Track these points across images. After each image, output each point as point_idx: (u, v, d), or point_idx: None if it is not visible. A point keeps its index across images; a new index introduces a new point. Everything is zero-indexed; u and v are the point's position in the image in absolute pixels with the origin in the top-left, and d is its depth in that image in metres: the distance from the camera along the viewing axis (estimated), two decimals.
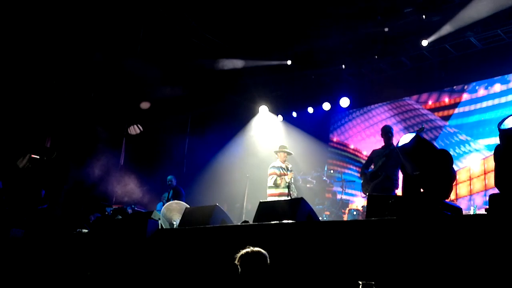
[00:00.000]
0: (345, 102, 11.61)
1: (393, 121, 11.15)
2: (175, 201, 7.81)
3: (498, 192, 3.43)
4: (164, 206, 7.37)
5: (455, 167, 4.05)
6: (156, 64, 10.58)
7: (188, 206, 6.81)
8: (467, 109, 10.18)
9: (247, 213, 9.34)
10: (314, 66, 11.39)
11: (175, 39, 10.65)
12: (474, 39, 9.51)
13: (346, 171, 11.80)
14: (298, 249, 4.20)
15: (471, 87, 10.23)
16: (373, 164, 7.47)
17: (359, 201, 10.81)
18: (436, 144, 4.90)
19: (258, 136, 12.69)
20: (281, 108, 12.81)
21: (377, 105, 11.98)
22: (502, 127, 3.36)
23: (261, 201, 5.46)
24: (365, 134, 12.06)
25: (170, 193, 9.96)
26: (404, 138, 3.92)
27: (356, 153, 12.11)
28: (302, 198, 5.04)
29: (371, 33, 9.97)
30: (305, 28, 10.05)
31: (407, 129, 10.89)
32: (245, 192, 9.85)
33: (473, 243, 3.09)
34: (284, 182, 7.84)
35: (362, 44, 10.51)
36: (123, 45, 10.25)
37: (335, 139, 12.76)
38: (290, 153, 8.22)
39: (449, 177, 3.84)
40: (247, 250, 3.71)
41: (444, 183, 3.76)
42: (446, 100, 10.63)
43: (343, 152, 12.46)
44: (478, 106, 9.97)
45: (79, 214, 9.46)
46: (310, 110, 12.40)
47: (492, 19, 8.93)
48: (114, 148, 11.70)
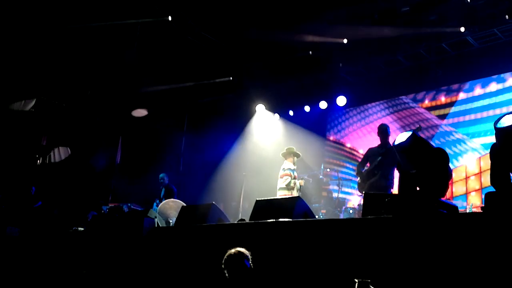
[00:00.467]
0: (341, 101, 11.60)
1: (389, 119, 11.16)
2: (172, 199, 7.80)
3: (494, 190, 3.44)
4: (160, 204, 7.37)
5: (451, 165, 4.05)
6: (152, 61, 10.57)
7: (185, 205, 6.81)
8: (463, 108, 10.19)
9: (244, 211, 9.33)
10: (311, 65, 11.38)
11: (172, 37, 10.63)
12: (470, 38, 9.53)
13: (343, 169, 11.81)
14: (295, 247, 4.20)
15: (467, 86, 10.25)
16: (369, 162, 7.47)
17: (355, 199, 10.81)
18: (432, 143, 4.91)
19: (254, 135, 12.68)
20: (277, 107, 12.79)
21: (373, 103, 11.99)
22: (498, 125, 3.36)
23: (257, 199, 5.44)
24: (362, 133, 12.07)
25: (162, 191, 9.91)
26: (400, 137, 3.92)
27: (353, 152, 12.11)
28: (298, 197, 5.04)
29: (368, 32, 9.97)
30: (302, 26, 10.05)
31: (403, 127, 10.90)
32: (241, 190, 9.85)
33: (469, 241, 3.10)
34: (297, 186, 7.91)
35: (359, 43, 10.52)
36: (120, 42, 10.22)
37: (331, 138, 12.76)
38: (299, 155, 8.31)
39: (445, 175, 3.84)
40: (229, 252, 3.82)
41: (440, 181, 3.76)
42: (443, 99, 10.65)
43: (340, 151, 12.47)
44: (475, 105, 9.99)
45: (75, 212, 9.44)
46: (307, 108, 12.38)
47: (489, 18, 8.95)
48: (111, 146, 11.68)
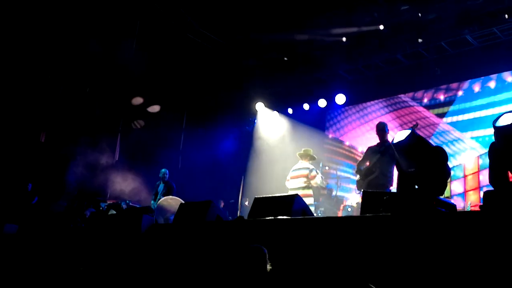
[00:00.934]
0: (340, 99, 11.60)
1: (388, 118, 11.16)
2: (170, 196, 7.79)
3: (492, 189, 3.44)
4: (159, 202, 7.36)
5: (449, 164, 4.05)
6: (152, 59, 10.55)
7: (183, 202, 6.80)
8: (462, 106, 10.21)
9: (244, 209, 9.34)
10: (310, 63, 11.38)
11: (171, 35, 10.62)
12: (470, 37, 9.53)
13: (342, 167, 11.82)
14: (293, 245, 4.20)
15: (466, 84, 10.26)
16: (368, 161, 7.48)
17: (354, 197, 10.82)
18: (431, 141, 4.91)
19: (253, 132, 12.68)
20: (276, 105, 12.79)
21: (372, 102, 12.00)
22: (497, 124, 3.36)
23: (256, 197, 5.43)
24: (361, 131, 12.08)
25: (161, 186, 9.90)
26: (399, 135, 3.91)
27: (352, 150, 12.12)
28: (297, 195, 5.04)
29: (367, 30, 9.97)
30: (301, 24, 10.04)
31: (402, 126, 10.91)
32: (240, 188, 9.86)
33: (468, 240, 3.10)
34: (318, 182, 8.01)
35: (358, 41, 10.52)
36: (119, 40, 10.21)
37: (330, 136, 12.76)
38: (315, 158, 8.37)
39: (444, 174, 3.84)
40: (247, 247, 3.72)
41: (439, 180, 3.76)
42: (442, 98, 10.66)
43: (339, 149, 12.47)
44: (474, 103, 10.00)
45: (73, 209, 9.44)
46: (306, 106, 12.39)
47: (488, 17, 8.95)
48: (109, 143, 11.66)
